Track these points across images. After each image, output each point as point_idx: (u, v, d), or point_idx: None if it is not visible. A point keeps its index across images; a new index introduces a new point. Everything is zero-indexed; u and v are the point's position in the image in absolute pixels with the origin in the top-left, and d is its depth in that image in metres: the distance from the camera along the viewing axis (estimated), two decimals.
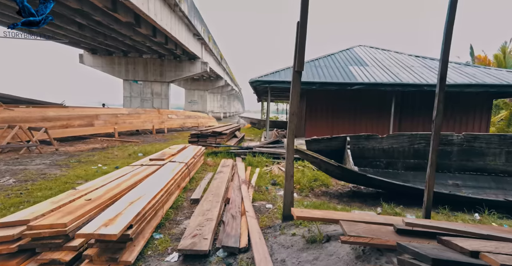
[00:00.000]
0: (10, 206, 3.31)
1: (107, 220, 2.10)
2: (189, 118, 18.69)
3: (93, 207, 2.49)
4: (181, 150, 5.98)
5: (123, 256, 2.06)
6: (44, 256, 1.99)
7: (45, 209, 2.37)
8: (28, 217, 2.16)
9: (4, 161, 5.96)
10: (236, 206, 3.32)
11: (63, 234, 2.08)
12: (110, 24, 12.21)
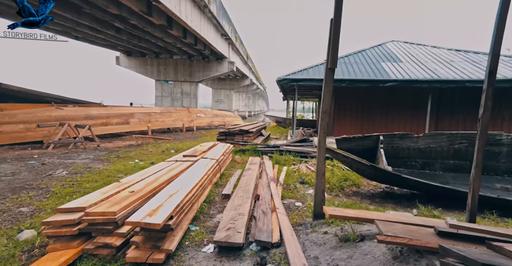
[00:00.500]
0: (66, 194, 3.69)
1: (151, 210, 2.27)
2: (216, 117, 19.17)
3: (137, 199, 2.70)
4: (211, 147, 6.19)
5: (164, 244, 2.21)
6: (98, 240, 2.21)
7: (96, 198, 2.61)
8: (84, 205, 2.41)
9: (56, 155, 6.61)
10: (266, 203, 3.38)
11: (113, 221, 2.28)
12: (144, 27, 12.92)
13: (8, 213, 3.07)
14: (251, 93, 64.24)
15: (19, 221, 2.90)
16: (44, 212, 3.15)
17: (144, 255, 2.12)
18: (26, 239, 2.48)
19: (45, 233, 2.22)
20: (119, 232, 2.28)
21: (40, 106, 9.91)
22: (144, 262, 2.09)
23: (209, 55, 21.47)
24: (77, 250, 2.18)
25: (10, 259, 2.16)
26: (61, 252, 2.15)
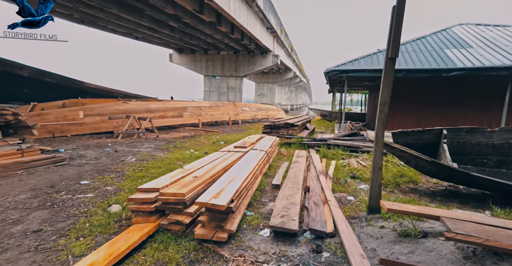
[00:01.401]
0: (137, 178, 4.26)
1: (215, 193, 2.52)
2: (260, 111, 19.47)
3: (200, 183, 2.99)
4: (259, 139, 6.39)
5: (226, 225, 2.44)
6: (171, 217, 2.54)
7: (166, 181, 2.98)
8: (158, 186, 2.78)
9: (125, 144, 7.55)
10: (317, 195, 3.42)
11: (182, 202, 2.59)
12: (196, 25, 13.67)
13: (98, 190, 3.68)
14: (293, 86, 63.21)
15: (107, 197, 3.47)
16: (123, 191, 3.69)
17: (209, 233, 2.38)
18: (115, 211, 2.97)
19: (130, 208, 2.64)
20: (187, 212, 2.58)
21: (109, 101, 11.35)
22: (209, 239, 2.35)
23: (254, 49, 21.72)
24: (155, 224, 2.54)
25: (107, 226, 2.62)
26: (143, 225, 2.54)
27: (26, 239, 2.40)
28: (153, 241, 2.39)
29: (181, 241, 2.41)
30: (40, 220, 2.77)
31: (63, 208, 3.10)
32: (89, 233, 2.52)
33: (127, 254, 2.14)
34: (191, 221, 2.59)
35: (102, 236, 2.47)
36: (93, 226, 2.65)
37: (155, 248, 2.28)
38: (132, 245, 2.20)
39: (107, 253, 2.05)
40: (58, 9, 12.39)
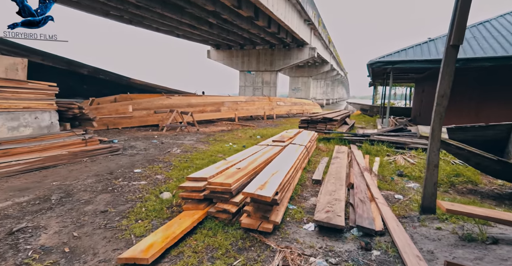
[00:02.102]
0: (183, 168, 4.52)
1: (260, 185, 2.57)
2: (294, 105, 19.18)
3: (244, 175, 3.08)
4: (297, 134, 6.33)
5: (271, 216, 2.49)
6: (219, 205, 2.67)
7: (212, 172, 3.12)
8: (205, 176, 2.92)
9: (169, 136, 8.05)
10: (362, 192, 3.30)
11: (228, 191, 2.70)
12: (233, 20, 13.88)
13: (150, 178, 4.00)
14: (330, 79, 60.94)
15: (158, 184, 3.75)
16: (172, 180, 3.95)
17: (255, 223, 2.45)
18: (166, 198, 3.21)
19: (181, 195, 2.83)
20: (234, 201, 2.68)
21: (154, 96, 12.15)
22: (255, 229, 2.42)
23: (290, 42, 21.34)
24: (203, 212, 2.69)
25: (160, 211, 2.85)
26: (193, 212, 2.70)
27: (97, 217, 2.71)
28: (202, 228, 2.54)
29: (228, 229, 2.52)
30: (105, 202, 3.11)
31: (122, 193, 3.43)
32: (146, 216, 2.77)
33: (181, 238, 2.30)
34: (237, 210, 2.69)
35: (157, 220, 2.69)
36: (148, 210, 2.89)
37: (205, 234, 2.42)
38: (185, 230, 2.36)
39: (163, 235, 2.23)
40: (112, 12, 13.54)
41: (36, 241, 2.24)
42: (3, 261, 1.96)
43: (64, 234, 2.38)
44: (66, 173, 4.14)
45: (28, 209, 2.82)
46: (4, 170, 3.63)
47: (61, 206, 2.94)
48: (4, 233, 2.31)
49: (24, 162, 3.89)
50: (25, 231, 2.37)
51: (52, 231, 2.42)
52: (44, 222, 2.55)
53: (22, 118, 4.81)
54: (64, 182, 3.70)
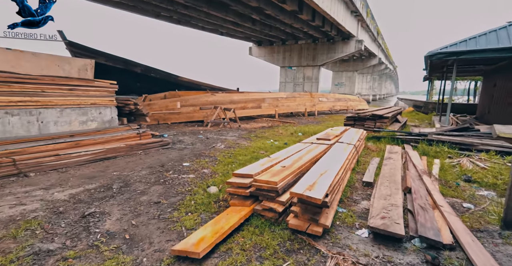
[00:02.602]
0: (228, 163, 4.61)
1: (308, 186, 2.46)
2: (338, 101, 18.32)
3: (289, 173, 2.99)
4: (343, 131, 6.00)
5: (321, 219, 2.37)
6: (265, 204, 2.63)
7: (257, 169, 3.10)
8: (251, 173, 2.91)
9: (213, 132, 8.33)
10: (423, 197, 2.96)
11: (275, 190, 2.64)
12: (276, 15, 13.69)
13: (197, 172, 4.16)
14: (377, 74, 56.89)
15: (205, 178, 3.88)
16: (217, 175, 4.05)
17: (303, 225, 2.36)
18: (213, 192, 3.30)
19: (228, 190, 2.86)
20: (280, 200, 2.62)
21: (199, 93, 12.69)
22: (303, 231, 2.33)
23: (335, 35, 20.33)
24: (250, 209, 2.68)
25: (208, 205, 2.93)
26: (239, 208, 2.71)
27: (151, 208, 2.90)
28: (249, 225, 2.53)
29: (275, 228, 2.47)
30: (157, 193, 3.31)
31: (173, 185, 3.62)
32: (195, 210, 2.86)
33: (229, 234, 2.32)
34: (283, 209, 2.62)
35: (205, 214, 2.77)
36: (197, 204, 2.99)
37: (252, 232, 2.41)
38: (233, 226, 2.37)
39: (213, 230, 2.28)
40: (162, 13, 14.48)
41: (103, 225, 2.47)
42: (78, 241, 2.20)
43: (124, 221, 2.58)
44: (124, 164, 4.53)
45: (95, 195, 3.14)
46: (76, 159, 4.11)
47: (121, 195, 3.21)
48: (78, 216, 2.60)
49: (91, 153, 4.36)
50: (93, 215, 2.64)
51: (114, 217, 2.64)
52: (108, 209, 2.81)
53: (90, 113, 5.40)
54: (123, 173, 4.04)
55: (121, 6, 13.45)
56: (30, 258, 1.94)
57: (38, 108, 4.52)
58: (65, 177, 3.68)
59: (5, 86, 4.09)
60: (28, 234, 2.24)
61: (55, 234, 2.28)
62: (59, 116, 4.84)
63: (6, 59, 4.29)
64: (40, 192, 3.12)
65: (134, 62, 12.81)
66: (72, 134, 4.88)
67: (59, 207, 2.77)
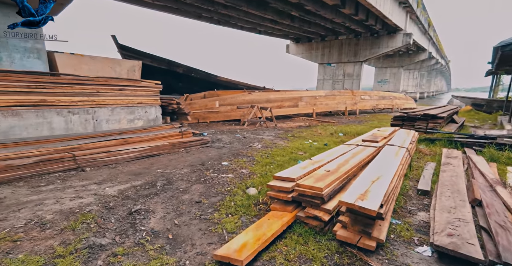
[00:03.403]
0: (265, 164, 4.51)
1: (359, 194, 2.22)
2: (382, 100, 17.08)
3: (335, 179, 2.76)
4: (392, 133, 5.49)
5: (374, 232, 2.12)
6: (309, 211, 2.45)
7: (299, 172, 2.92)
8: (292, 176, 2.75)
9: (250, 131, 8.32)
10: (500, 213, 2.50)
11: (320, 197, 2.45)
12: (317, 11, 13.20)
13: (236, 172, 4.13)
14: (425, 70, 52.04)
15: (243, 179, 3.82)
16: (256, 175, 3.96)
17: (353, 237, 2.13)
18: (252, 194, 3.21)
19: (269, 194, 2.74)
20: (325, 208, 2.42)
21: (237, 92, 12.82)
22: (353, 244, 2.11)
23: (380, 29, 18.94)
24: (292, 215, 2.53)
25: (248, 208, 2.85)
26: (281, 213, 2.58)
27: (192, 207, 2.91)
28: (291, 232, 2.39)
29: (320, 238, 2.29)
30: (198, 192, 3.33)
31: (213, 184, 3.62)
32: (235, 211, 2.80)
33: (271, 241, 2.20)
34: (329, 218, 2.42)
35: (246, 217, 2.68)
36: (237, 205, 2.93)
37: (295, 240, 2.25)
38: (276, 233, 2.25)
39: (255, 236, 2.17)
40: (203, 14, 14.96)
41: (148, 223, 2.54)
42: (126, 238, 2.27)
43: (168, 220, 2.62)
44: (167, 161, 4.69)
45: (141, 192, 3.27)
46: (125, 156, 4.37)
47: (164, 193, 3.29)
48: (126, 212, 2.71)
49: (138, 150, 4.60)
50: (139, 212, 2.73)
51: (158, 216, 2.70)
52: (152, 206, 2.88)
53: (136, 112, 5.73)
54: (166, 170, 4.18)
55: (166, 9, 14.20)
56: (86, 251, 2.04)
57: (94, 108, 4.92)
58: (114, 172, 3.92)
59: (68, 87, 4.51)
60: (84, 227, 2.38)
61: (106, 229, 2.39)
62: (110, 115, 5.22)
63: (70, 63, 4.73)
64: (94, 186, 3.35)
65: (176, 63, 13.43)
66: (121, 131, 5.21)
67: (109, 202, 2.92)
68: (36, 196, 2.92)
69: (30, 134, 4.07)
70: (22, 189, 3.08)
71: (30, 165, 3.25)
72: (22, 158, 3.32)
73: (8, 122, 3.80)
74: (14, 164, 3.13)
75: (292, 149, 5.80)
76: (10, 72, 3.92)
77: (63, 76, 4.64)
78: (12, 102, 3.84)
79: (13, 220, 2.44)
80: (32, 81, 4.09)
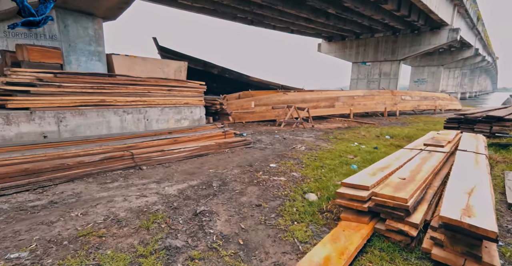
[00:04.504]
0: (316, 167, 4.30)
1: (461, 209, 1.94)
2: (424, 100, 15.96)
3: (416, 188, 2.47)
4: (456, 136, 5.00)
5: (483, 256, 1.83)
6: (391, 224, 2.21)
7: (369, 179, 2.67)
8: (365, 184, 2.52)
9: (288, 132, 8.12)
10: None
11: (404, 209, 2.19)
12: (356, 7, 12.65)
13: (287, 175, 3.97)
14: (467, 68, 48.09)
15: (297, 182, 3.65)
16: (309, 180, 3.77)
17: (455, 260, 1.86)
18: (313, 200, 3.02)
19: (338, 202, 2.53)
20: (411, 222, 2.16)
21: (270, 92, 12.69)
22: None
23: (421, 26, 17.69)
24: (370, 227, 2.30)
25: (314, 216, 2.67)
26: (355, 224, 2.35)
27: (254, 211, 2.80)
28: (371, 246, 2.16)
29: (407, 255, 2.04)
30: (255, 195, 3.22)
31: (267, 187, 3.49)
32: (300, 219, 2.63)
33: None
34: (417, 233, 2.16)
35: (314, 226, 2.51)
36: (300, 212, 2.76)
37: (378, 256, 2.03)
38: (358, 247, 2.05)
39: (336, 249, 1.99)
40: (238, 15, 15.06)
41: (215, 226, 2.46)
42: (198, 241, 2.21)
43: (233, 223, 2.53)
44: (216, 161, 4.66)
45: (199, 192, 3.23)
46: (177, 155, 4.41)
47: (222, 194, 3.22)
48: (191, 213, 2.66)
49: (188, 149, 4.62)
50: (204, 214, 2.67)
51: (223, 218, 2.62)
52: (215, 208, 2.82)
53: (183, 112, 5.81)
54: (217, 170, 4.14)
55: (203, 11, 14.50)
56: (164, 252, 2.01)
57: (145, 107, 5.05)
58: (169, 171, 3.95)
59: (124, 88, 4.67)
60: (156, 227, 2.37)
61: (177, 230, 2.35)
62: (159, 114, 5.33)
63: (125, 64, 4.90)
64: (154, 185, 3.38)
65: (211, 64, 13.63)
66: (170, 131, 5.30)
67: (173, 202, 2.91)
68: (106, 193, 3.00)
69: (92, 132, 4.26)
70: (92, 185, 3.19)
71: (97, 162, 3.37)
72: (89, 155, 3.46)
73: (76, 121, 4.01)
74: (84, 161, 3.27)
75: (340, 152, 5.52)
76: (78, 74, 4.14)
77: (118, 77, 4.82)
78: (78, 102, 4.04)
79: (93, 215, 2.51)
80: (94, 82, 4.29)
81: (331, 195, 3.13)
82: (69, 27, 4.49)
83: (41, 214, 2.52)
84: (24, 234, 2.18)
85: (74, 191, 3.02)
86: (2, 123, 3.49)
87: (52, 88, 3.90)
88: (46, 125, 3.83)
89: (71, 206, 2.68)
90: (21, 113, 3.70)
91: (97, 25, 4.88)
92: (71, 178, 3.17)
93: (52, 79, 3.92)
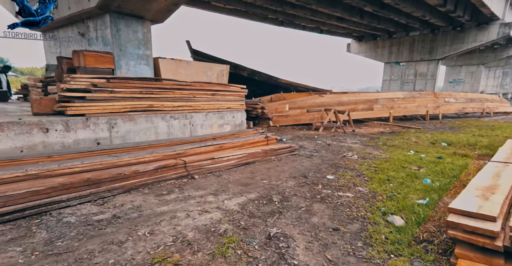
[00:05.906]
0: (381, 181, 3.82)
1: None
2: (471, 102, 14.68)
3: None
4: None
5: None
6: None
7: (487, 205, 2.18)
8: (489, 213, 2.03)
9: (328, 137, 7.63)
10: None
11: None
12: (396, 4, 11.89)
13: (352, 190, 3.51)
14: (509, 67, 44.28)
15: (369, 200, 3.19)
16: (381, 196, 3.30)
17: None
18: (399, 225, 2.57)
19: (453, 234, 2.06)
20: None
21: (303, 95, 12.21)
22: None
23: (466, 21, 16.32)
24: None
25: (412, 247, 2.22)
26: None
27: (333, 236, 2.41)
28: None
29: None
30: (326, 215, 2.82)
31: (335, 205, 3.08)
32: (395, 250, 2.20)
33: None
34: None
35: (420, 263, 2.06)
36: (391, 241, 2.32)
37: None
38: None
39: None
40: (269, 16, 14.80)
41: (296, 255, 2.10)
42: None
43: (316, 253, 2.15)
44: (265, 170, 4.32)
45: (262, 209, 2.90)
46: (226, 163, 4.13)
47: (287, 212, 2.86)
48: (263, 236, 2.33)
49: (236, 157, 4.33)
50: (278, 237, 2.32)
51: (301, 245, 2.25)
52: (287, 231, 2.46)
53: (226, 117, 5.56)
54: (271, 181, 3.79)
55: (234, 12, 14.41)
56: None
57: (191, 113, 4.85)
58: (222, 182, 3.67)
59: (170, 92, 4.50)
60: (232, 253, 2.06)
61: (255, 258, 2.02)
62: (204, 120, 5.11)
63: (170, 68, 4.74)
64: (211, 197, 3.10)
65: (242, 66, 13.42)
66: (214, 136, 5.06)
67: (238, 220, 2.60)
68: (166, 207, 2.77)
69: (141, 138, 4.12)
70: (150, 197, 2.98)
71: (151, 171, 3.17)
72: (141, 163, 3.28)
73: (126, 127, 3.88)
74: (139, 170, 3.07)
75: (399, 162, 4.98)
76: (128, 79, 4.03)
77: (164, 81, 4.66)
78: (129, 108, 3.91)
79: (161, 235, 2.27)
80: (143, 87, 4.15)
81: (421, 219, 2.66)
82: (121, 31, 4.42)
83: (108, 231, 2.32)
84: (98, 256, 1.96)
85: (134, 203, 2.82)
86: (62, 130, 3.44)
87: (105, 93, 3.81)
88: (99, 132, 3.73)
89: (135, 223, 2.47)
90: (78, 119, 3.63)
91: (146, 28, 4.79)
92: (128, 188, 2.99)
93: (105, 84, 3.83)
